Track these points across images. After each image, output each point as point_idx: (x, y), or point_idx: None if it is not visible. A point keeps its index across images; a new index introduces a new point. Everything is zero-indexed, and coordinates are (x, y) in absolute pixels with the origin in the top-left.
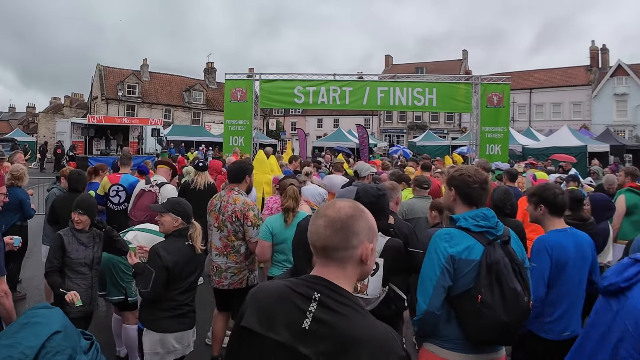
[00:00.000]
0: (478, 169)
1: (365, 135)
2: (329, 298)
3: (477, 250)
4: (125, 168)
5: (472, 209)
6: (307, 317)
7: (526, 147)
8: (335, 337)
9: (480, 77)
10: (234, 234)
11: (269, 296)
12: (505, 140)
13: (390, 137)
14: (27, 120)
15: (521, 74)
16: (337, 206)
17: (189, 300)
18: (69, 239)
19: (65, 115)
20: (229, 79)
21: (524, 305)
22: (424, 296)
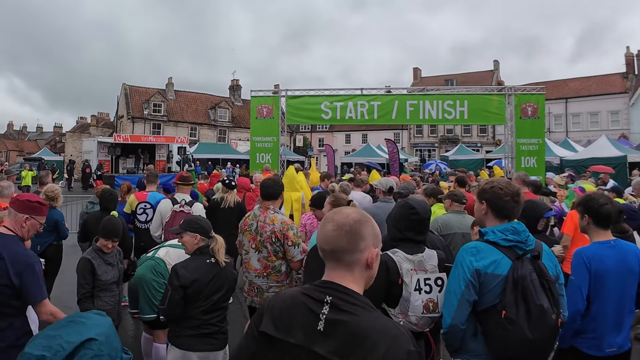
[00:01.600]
0: (510, 181)
1: (395, 150)
2: (340, 300)
3: (504, 265)
4: (151, 186)
5: (504, 222)
6: (320, 320)
7: (564, 159)
8: (348, 334)
9: (514, 87)
10: (274, 254)
11: (284, 302)
12: (542, 152)
13: (421, 151)
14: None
15: (556, 84)
16: (344, 212)
17: (216, 320)
18: (98, 262)
19: (92, 134)
20: (255, 96)
21: (551, 322)
22: (449, 310)
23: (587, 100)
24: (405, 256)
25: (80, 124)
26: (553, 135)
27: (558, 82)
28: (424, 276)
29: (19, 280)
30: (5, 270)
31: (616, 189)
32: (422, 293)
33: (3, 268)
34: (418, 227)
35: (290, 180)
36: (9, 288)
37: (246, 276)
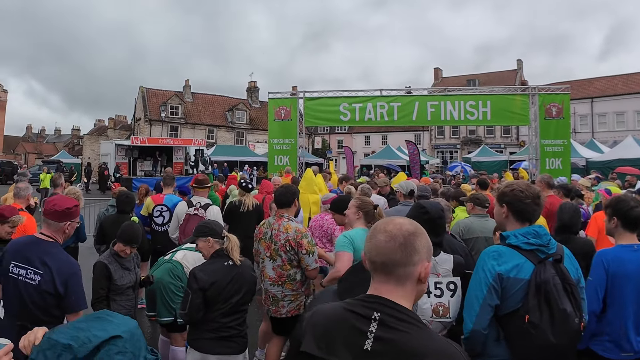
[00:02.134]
0: (530, 183)
1: (416, 152)
2: (389, 316)
3: (526, 269)
4: (168, 188)
5: (525, 225)
6: (368, 338)
7: (590, 160)
8: (400, 355)
9: (538, 87)
10: (289, 262)
11: (326, 319)
12: (567, 153)
13: (442, 153)
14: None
15: (581, 83)
16: (397, 222)
17: (235, 323)
18: (114, 267)
19: (109, 137)
20: (273, 98)
21: (575, 326)
22: (471, 315)
23: (613, 99)
24: None
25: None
26: (579, 135)
27: (583, 81)
28: (434, 280)
29: (64, 288)
30: (51, 278)
31: None
32: (431, 297)
33: (49, 276)
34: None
35: (309, 183)
36: (53, 296)
37: (262, 285)
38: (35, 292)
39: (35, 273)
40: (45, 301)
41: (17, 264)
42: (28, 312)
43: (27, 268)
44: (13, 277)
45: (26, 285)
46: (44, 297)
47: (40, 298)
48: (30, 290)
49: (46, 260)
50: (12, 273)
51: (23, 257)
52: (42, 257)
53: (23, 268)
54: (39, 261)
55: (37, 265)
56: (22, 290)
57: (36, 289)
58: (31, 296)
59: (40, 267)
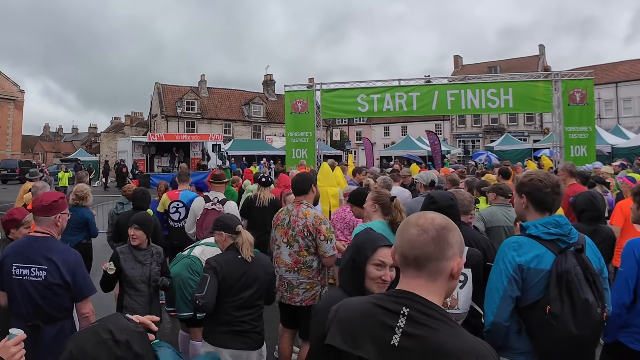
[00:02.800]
0: (548, 172)
1: (437, 142)
2: (418, 312)
3: (547, 259)
4: (184, 184)
5: (545, 215)
6: (395, 333)
7: (615, 147)
8: (428, 352)
9: (560, 73)
10: (306, 249)
11: (353, 313)
12: (592, 140)
13: (464, 142)
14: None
15: (605, 67)
16: (429, 216)
17: (249, 318)
18: (125, 257)
19: (126, 134)
20: (289, 91)
21: (597, 317)
22: (491, 307)
23: (638, 83)
24: None
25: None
26: (604, 121)
27: (607, 65)
28: None
29: (71, 277)
30: (58, 272)
31: None
32: None
33: (55, 270)
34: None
35: (326, 176)
36: (63, 288)
37: (277, 271)
38: (44, 288)
39: (39, 269)
40: (56, 294)
41: (20, 265)
42: (39, 310)
43: (29, 267)
44: (17, 278)
45: (33, 283)
46: (54, 290)
47: (51, 292)
48: (39, 287)
49: (48, 254)
50: (16, 275)
51: (24, 257)
52: (43, 252)
53: (26, 267)
54: (42, 257)
55: (41, 261)
56: (30, 289)
57: (44, 284)
58: (41, 293)
59: (44, 262)
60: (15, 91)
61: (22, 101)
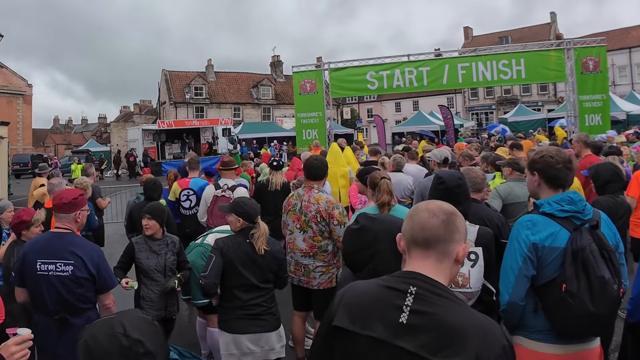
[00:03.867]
0: (559, 148)
1: (450, 116)
2: (425, 291)
3: (562, 237)
4: (194, 172)
5: (559, 192)
6: (403, 312)
7: (630, 114)
8: (436, 328)
9: (572, 41)
10: (320, 233)
11: (359, 294)
12: (606, 108)
13: (477, 115)
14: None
15: (617, 33)
16: (437, 203)
17: (261, 300)
18: (140, 247)
19: (136, 122)
20: (297, 72)
21: (613, 293)
22: (507, 286)
23: None
24: None
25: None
26: (618, 88)
27: (620, 31)
28: None
29: (96, 270)
30: (84, 266)
31: None
32: None
33: (82, 264)
34: (449, 197)
35: (335, 156)
36: (89, 281)
37: (291, 256)
38: (70, 282)
39: (65, 264)
40: (82, 287)
41: (45, 261)
42: (66, 303)
43: (55, 262)
44: (43, 274)
45: (59, 278)
46: (81, 283)
47: (77, 286)
48: (66, 282)
49: (73, 249)
50: (42, 271)
51: (49, 253)
52: (68, 248)
53: (52, 263)
54: (67, 252)
55: (66, 256)
56: (57, 284)
57: (71, 278)
58: (67, 287)
59: (69, 257)
60: (24, 86)
61: (31, 95)
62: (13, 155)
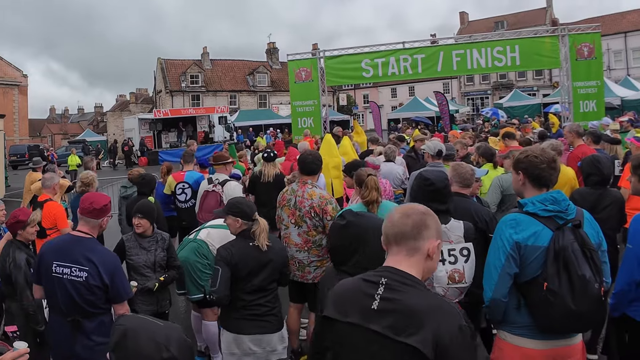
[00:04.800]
0: (544, 148)
1: (445, 102)
2: (394, 281)
3: (544, 236)
4: (188, 165)
5: (543, 191)
6: (375, 299)
7: (625, 99)
8: (400, 312)
9: (567, 27)
10: (314, 228)
11: (343, 288)
12: (600, 94)
13: (473, 100)
14: (96, 120)
15: (613, 17)
16: (412, 205)
17: (264, 301)
18: (131, 244)
19: (132, 111)
20: (292, 60)
21: (594, 292)
22: (490, 283)
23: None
24: None
25: (120, 102)
26: (613, 73)
27: (615, 15)
28: (448, 247)
29: (110, 280)
30: (97, 273)
31: None
32: (446, 264)
33: (95, 272)
34: (437, 197)
35: (329, 147)
36: (101, 289)
37: (287, 251)
38: (83, 288)
39: (80, 270)
40: (94, 295)
41: (61, 264)
42: (78, 307)
43: (71, 266)
44: (57, 276)
45: (73, 282)
46: (93, 291)
47: (89, 293)
48: (78, 287)
49: (90, 256)
50: (56, 273)
51: (66, 256)
52: (85, 254)
53: (67, 267)
54: (84, 258)
55: (82, 262)
56: (70, 287)
57: (84, 285)
58: (79, 292)
59: (85, 263)
60: (19, 76)
61: (26, 86)
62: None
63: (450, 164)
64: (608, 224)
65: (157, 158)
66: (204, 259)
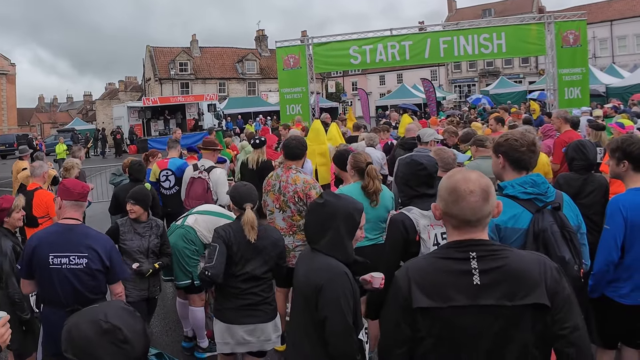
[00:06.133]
0: (524, 132)
1: (432, 89)
2: (483, 252)
3: (524, 219)
4: (172, 152)
5: (522, 174)
6: (474, 275)
7: (609, 87)
8: (507, 277)
9: (553, 14)
10: (298, 213)
11: (425, 272)
12: (585, 81)
13: (460, 87)
14: (85, 109)
15: (600, 5)
16: (473, 179)
17: (258, 290)
18: (125, 228)
19: (121, 100)
20: (280, 47)
21: (573, 274)
22: None
23: (633, 21)
24: (421, 212)
25: (109, 90)
26: (599, 60)
27: (602, 3)
28: (440, 230)
29: (109, 262)
30: (98, 257)
31: None
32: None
33: (96, 256)
34: (428, 181)
35: (317, 134)
36: (102, 273)
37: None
38: (84, 275)
39: (79, 257)
40: (95, 279)
41: (57, 254)
42: (79, 295)
43: (69, 255)
44: (56, 268)
45: (73, 271)
46: (95, 275)
47: (91, 278)
48: (79, 274)
49: (87, 242)
50: (54, 265)
51: (61, 246)
52: (82, 240)
53: (65, 256)
54: (81, 245)
55: (80, 249)
56: (71, 277)
57: (85, 271)
58: (81, 280)
59: (84, 250)
60: (6, 65)
61: (14, 75)
62: None
63: (432, 149)
64: (593, 209)
65: (146, 146)
66: (191, 245)
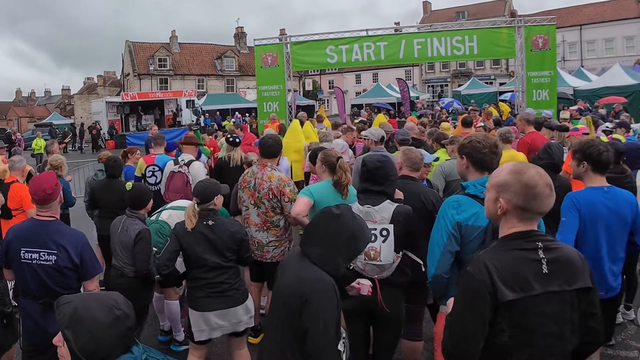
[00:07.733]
0: (487, 134)
1: (406, 88)
2: (546, 242)
3: (484, 217)
4: (158, 148)
5: (485, 174)
6: (542, 263)
7: (577, 89)
8: (565, 265)
9: (523, 19)
10: (272, 209)
11: (503, 265)
12: (553, 84)
13: (433, 87)
14: (63, 103)
15: (570, 10)
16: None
17: (224, 278)
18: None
19: (100, 94)
20: (259, 45)
21: None
22: (433, 260)
23: (602, 26)
24: (358, 207)
25: (87, 84)
26: (568, 64)
27: (572, 8)
28: (371, 227)
29: (79, 259)
30: (66, 255)
31: (624, 124)
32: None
33: (65, 254)
34: (370, 178)
35: (294, 132)
36: (72, 270)
37: (247, 231)
38: (54, 271)
39: (49, 254)
40: (65, 276)
41: (29, 250)
42: (49, 290)
43: (39, 251)
44: (27, 262)
45: (43, 267)
46: (64, 273)
47: (60, 275)
48: (49, 270)
49: (57, 239)
50: (25, 259)
51: (32, 242)
52: (52, 237)
53: (35, 252)
54: (51, 242)
55: (50, 246)
56: (40, 272)
57: (54, 268)
58: (50, 275)
59: (53, 247)
60: None
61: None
62: None
63: (400, 149)
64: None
65: (124, 141)
66: (166, 239)
